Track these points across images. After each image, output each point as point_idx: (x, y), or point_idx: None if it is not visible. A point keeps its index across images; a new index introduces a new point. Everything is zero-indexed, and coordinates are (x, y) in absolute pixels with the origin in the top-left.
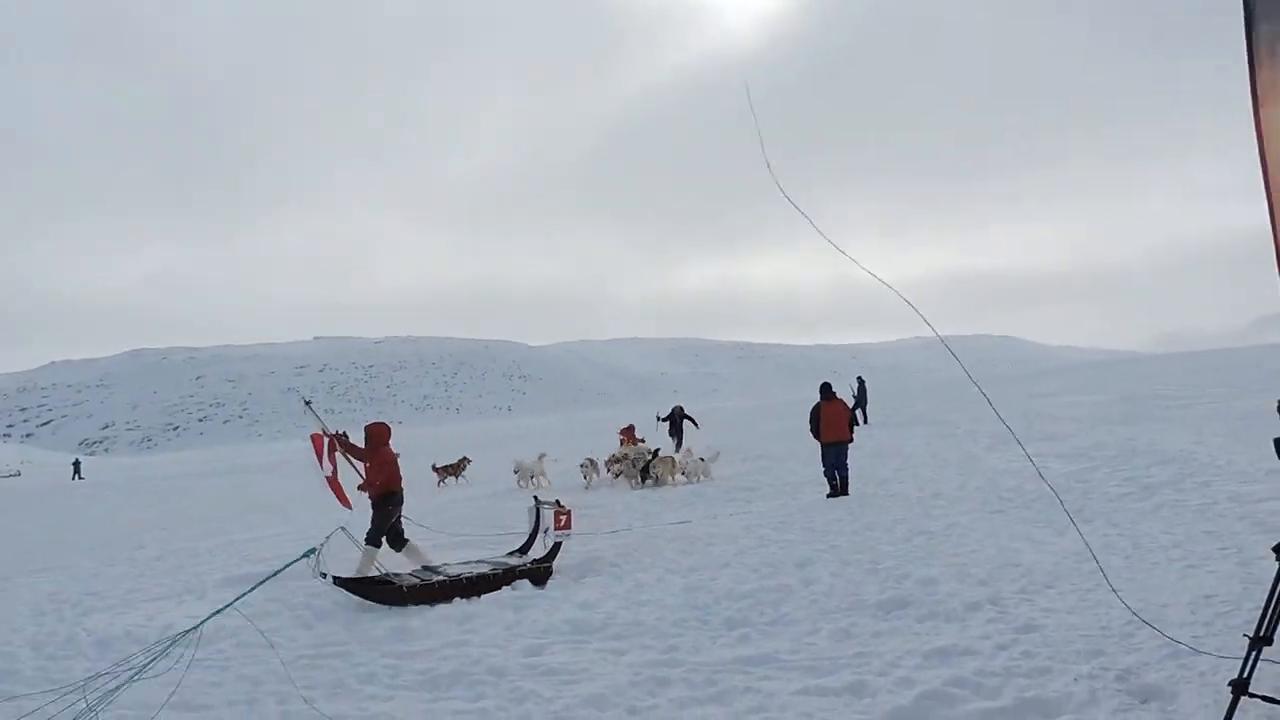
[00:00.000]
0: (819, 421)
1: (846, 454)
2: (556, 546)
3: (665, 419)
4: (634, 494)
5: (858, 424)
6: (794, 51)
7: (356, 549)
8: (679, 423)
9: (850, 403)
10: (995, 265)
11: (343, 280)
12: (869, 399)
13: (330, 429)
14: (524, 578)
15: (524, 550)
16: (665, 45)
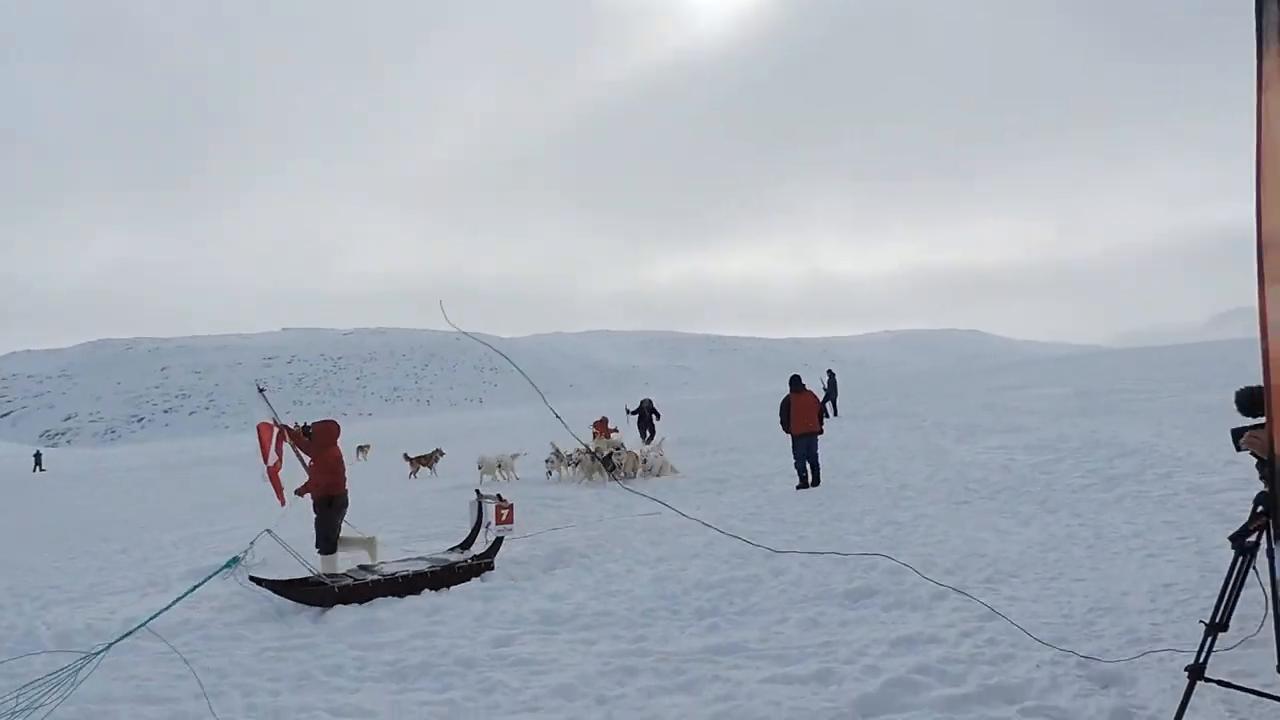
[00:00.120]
0: (789, 414)
1: (817, 445)
2: (498, 542)
3: (634, 412)
4: (607, 486)
5: (827, 416)
6: (769, 45)
7: (285, 550)
8: (648, 416)
9: (820, 395)
10: (964, 260)
11: (312, 270)
12: (839, 392)
13: (281, 420)
14: (465, 574)
15: (465, 546)
16: (641, 37)
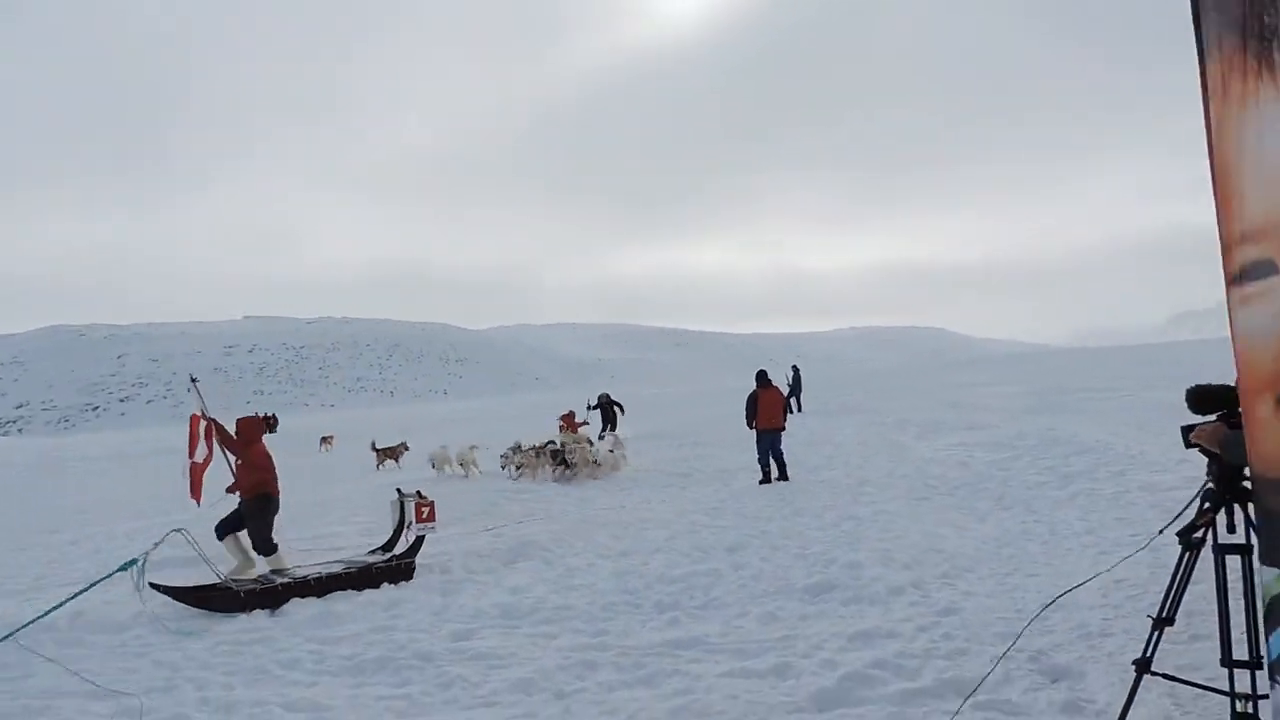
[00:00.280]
0: (755, 409)
1: (781, 441)
2: (419, 541)
3: (594, 407)
4: (552, 484)
5: (791, 412)
6: (739, 36)
7: (193, 549)
8: (609, 410)
9: (785, 391)
10: (929, 258)
11: (274, 258)
12: (803, 388)
13: (210, 414)
14: (383, 577)
15: (388, 547)
16: (608, 26)
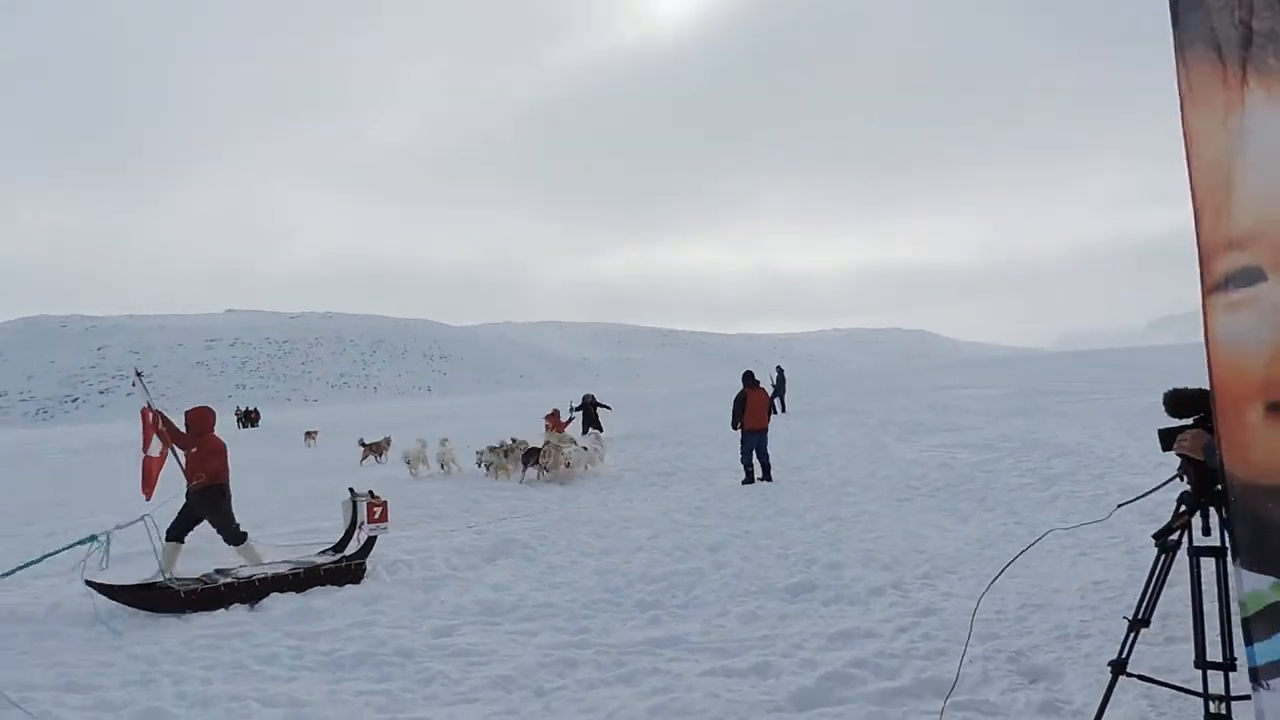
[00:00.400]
0: (744, 409)
1: (766, 441)
2: (371, 541)
3: (578, 408)
4: (541, 481)
5: (775, 412)
6: (724, 38)
7: (150, 542)
8: (592, 411)
9: (769, 391)
10: (912, 260)
11: (257, 251)
12: (787, 388)
13: (156, 407)
14: (331, 578)
15: (339, 547)
16: (597, 25)
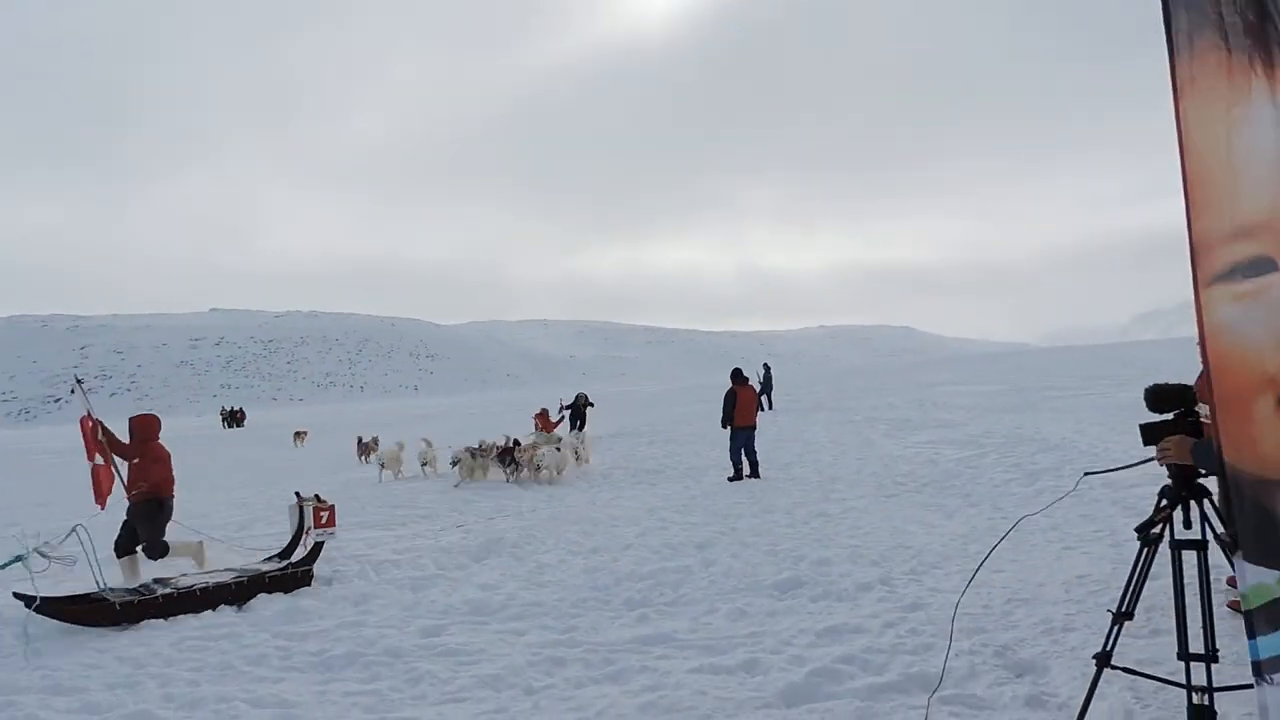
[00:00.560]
0: (734, 407)
1: (754, 438)
2: (318, 547)
3: (568, 407)
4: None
5: (762, 409)
6: (709, 35)
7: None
8: (582, 411)
9: (756, 389)
10: (898, 257)
11: (242, 249)
12: (774, 385)
13: (96, 414)
14: (277, 585)
15: (286, 554)
16: (584, 22)
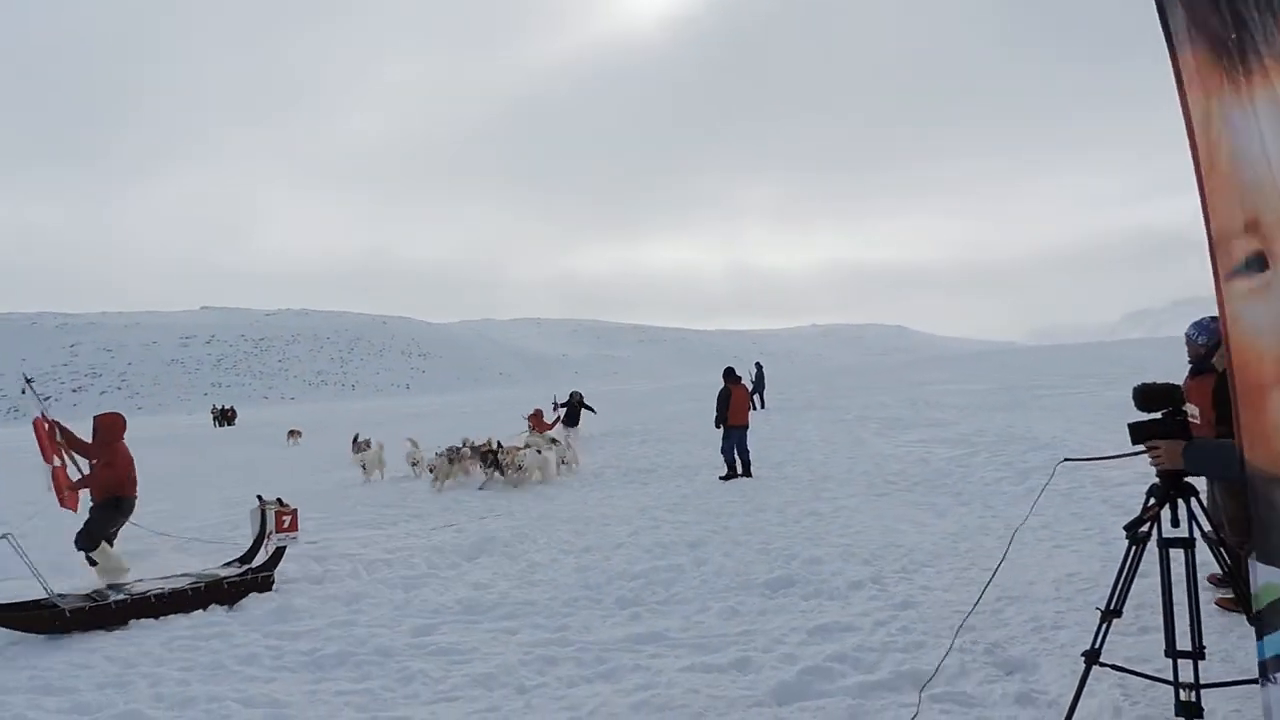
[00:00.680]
0: (728, 406)
1: (746, 438)
2: (279, 552)
3: (563, 405)
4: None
5: (754, 408)
6: (703, 35)
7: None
8: (576, 410)
9: (749, 387)
10: (890, 256)
11: (233, 248)
12: (765, 384)
13: (50, 415)
14: (236, 591)
15: (246, 558)
16: (575, 21)
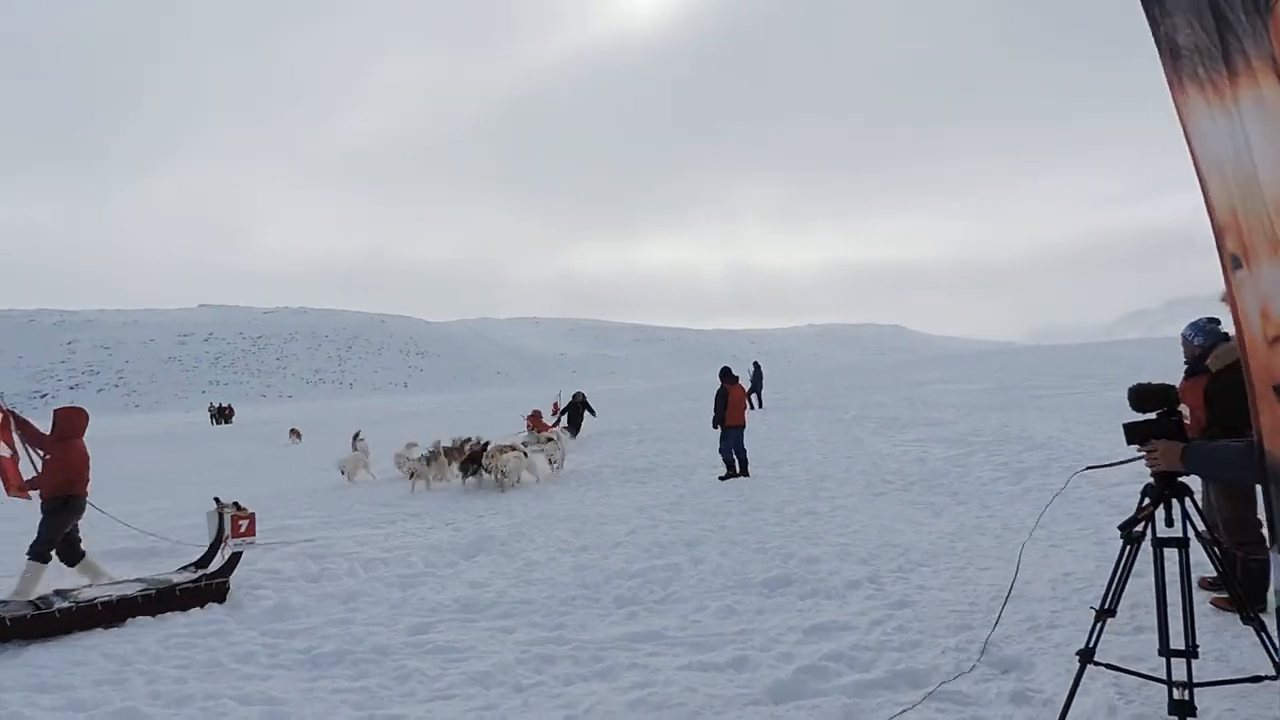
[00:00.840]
0: (726, 406)
1: (743, 436)
2: (235, 557)
3: (565, 410)
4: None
5: (752, 407)
6: (700, 34)
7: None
8: (579, 412)
9: (746, 387)
10: (887, 256)
11: (231, 246)
12: (764, 383)
13: (5, 405)
14: (189, 598)
15: (202, 563)
16: (572, 20)
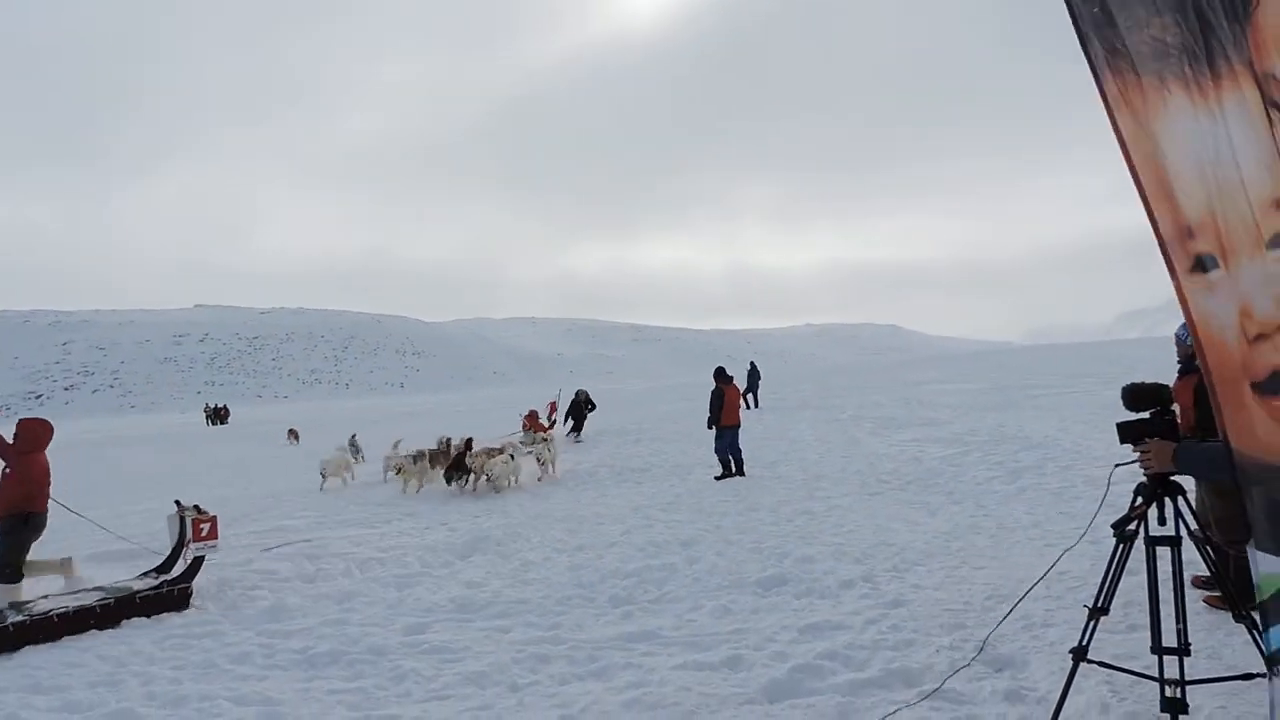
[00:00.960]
0: (722, 406)
1: (739, 437)
2: (198, 562)
3: (567, 411)
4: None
5: (748, 407)
6: (699, 34)
7: None
8: (581, 411)
9: (742, 387)
10: (885, 256)
11: (227, 246)
12: (760, 383)
13: None
14: (150, 606)
15: (164, 568)
16: (569, 20)
